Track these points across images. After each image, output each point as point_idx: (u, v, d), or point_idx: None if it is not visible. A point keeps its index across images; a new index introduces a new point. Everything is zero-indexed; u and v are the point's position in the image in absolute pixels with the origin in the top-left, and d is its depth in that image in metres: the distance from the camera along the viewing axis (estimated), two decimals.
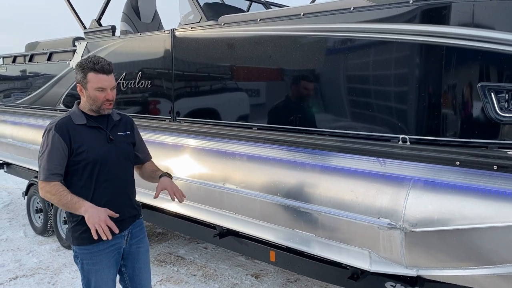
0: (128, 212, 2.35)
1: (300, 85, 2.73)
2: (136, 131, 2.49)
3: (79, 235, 2.23)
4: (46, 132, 2.20)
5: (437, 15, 2.14)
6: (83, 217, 2.19)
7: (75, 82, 4.50)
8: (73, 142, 2.17)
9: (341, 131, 2.52)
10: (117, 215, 2.10)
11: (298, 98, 2.75)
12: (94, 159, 2.20)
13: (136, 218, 2.43)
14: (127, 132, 2.38)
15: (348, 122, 2.50)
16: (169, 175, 2.46)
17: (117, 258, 2.34)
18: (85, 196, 2.20)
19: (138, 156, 2.49)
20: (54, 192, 2.11)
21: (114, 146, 2.27)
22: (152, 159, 2.59)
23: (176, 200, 2.36)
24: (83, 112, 2.26)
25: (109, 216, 2.11)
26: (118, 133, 2.32)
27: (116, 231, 2.04)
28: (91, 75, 2.17)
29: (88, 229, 2.18)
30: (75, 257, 2.30)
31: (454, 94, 2.11)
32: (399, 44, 2.24)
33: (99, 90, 2.19)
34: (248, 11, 4.60)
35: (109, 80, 2.21)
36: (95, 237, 2.00)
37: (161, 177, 2.42)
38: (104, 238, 2.00)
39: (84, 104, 2.26)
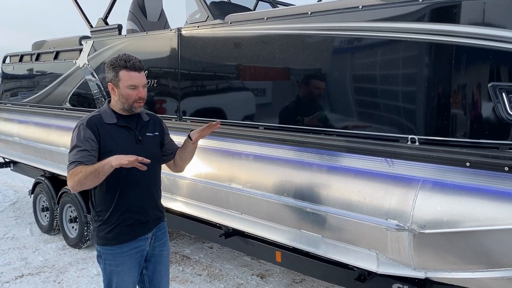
0: (153, 214, 2.33)
1: (307, 85, 2.71)
2: (165, 131, 2.44)
3: (104, 235, 2.22)
4: (76, 127, 2.16)
5: (447, 14, 2.11)
6: (109, 217, 2.20)
7: (81, 81, 4.53)
8: (102, 141, 2.14)
9: (349, 131, 2.50)
10: (149, 160, 1.96)
11: (305, 97, 2.73)
12: None
13: (160, 220, 2.40)
14: (156, 133, 2.35)
15: (356, 122, 2.48)
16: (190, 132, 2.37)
17: (140, 260, 2.32)
18: (111, 196, 2.19)
19: (171, 153, 2.44)
20: (78, 171, 1.99)
21: (142, 147, 2.24)
22: None
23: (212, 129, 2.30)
24: (113, 111, 2.24)
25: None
26: (147, 134, 2.29)
27: (148, 161, 1.92)
28: (123, 73, 2.14)
29: (114, 230, 2.21)
30: (98, 256, 2.29)
31: (464, 94, 2.08)
32: (408, 43, 2.21)
33: (131, 88, 2.16)
34: (254, 10, 4.59)
35: (140, 78, 2.19)
36: (127, 161, 1.87)
37: (187, 139, 2.35)
38: (139, 164, 1.89)
39: (115, 103, 2.23)
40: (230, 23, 3.09)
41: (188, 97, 3.48)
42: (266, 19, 2.85)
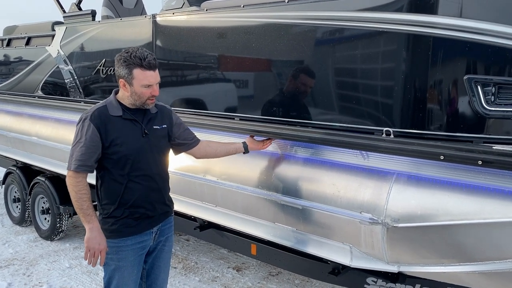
0: (160, 209, 2.28)
1: (283, 76, 2.65)
2: (175, 122, 2.38)
3: (108, 227, 2.17)
4: (81, 121, 2.10)
5: (424, 4, 2.07)
6: (114, 210, 2.15)
7: (53, 69, 4.38)
8: (107, 134, 2.08)
9: (324, 123, 2.45)
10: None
11: (281, 89, 2.67)
12: (128, 154, 2.11)
13: (168, 214, 2.35)
14: (163, 126, 2.29)
15: (331, 114, 2.43)
16: (245, 144, 2.61)
17: (142, 257, 2.27)
18: (116, 191, 2.13)
19: (188, 143, 2.45)
20: (77, 189, 2.07)
21: (148, 140, 2.18)
22: (204, 140, 2.58)
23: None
24: (119, 103, 2.16)
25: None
26: (154, 127, 2.23)
27: (101, 265, 2.11)
28: (137, 72, 2.07)
29: (118, 222, 2.15)
30: None
31: (440, 86, 2.05)
32: (386, 34, 2.16)
33: (145, 87, 2.10)
34: None
35: (155, 76, 2.12)
36: (85, 259, 2.08)
37: (244, 146, 2.61)
38: (89, 264, 2.06)
39: (126, 98, 2.16)
40: (206, 10, 3.00)
41: (162, 86, 3.37)
42: (243, 6, 2.77)
